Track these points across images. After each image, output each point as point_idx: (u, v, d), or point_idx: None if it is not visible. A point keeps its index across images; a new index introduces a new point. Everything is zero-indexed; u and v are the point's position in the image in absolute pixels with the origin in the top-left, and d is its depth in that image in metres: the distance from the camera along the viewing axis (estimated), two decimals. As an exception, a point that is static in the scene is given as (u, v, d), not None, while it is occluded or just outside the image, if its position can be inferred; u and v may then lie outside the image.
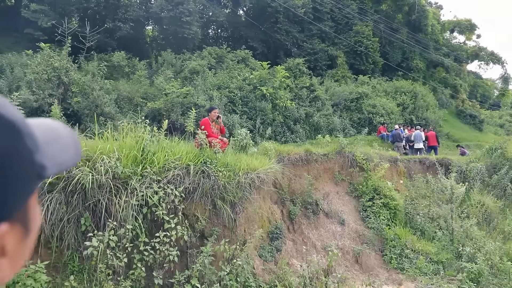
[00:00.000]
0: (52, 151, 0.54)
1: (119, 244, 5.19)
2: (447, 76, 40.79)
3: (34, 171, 0.49)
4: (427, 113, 26.68)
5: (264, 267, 7.03)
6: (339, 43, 32.45)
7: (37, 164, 0.49)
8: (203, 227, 6.34)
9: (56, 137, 0.57)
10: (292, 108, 21.98)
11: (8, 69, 15.16)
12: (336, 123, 22.80)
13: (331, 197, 9.91)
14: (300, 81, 25.15)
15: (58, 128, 0.60)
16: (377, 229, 9.26)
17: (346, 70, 31.23)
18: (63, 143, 0.58)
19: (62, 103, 14.52)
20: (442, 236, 9.65)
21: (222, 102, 18.83)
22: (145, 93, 18.36)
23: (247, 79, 21.20)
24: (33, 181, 0.49)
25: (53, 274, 5.00)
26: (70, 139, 0.60)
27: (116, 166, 5.31)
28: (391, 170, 12.66)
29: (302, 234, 8.72)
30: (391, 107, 24.65)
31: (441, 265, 8.46)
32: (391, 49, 35.23)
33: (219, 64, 23.85)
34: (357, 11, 34.15)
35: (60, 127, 0.61)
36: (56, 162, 0.54)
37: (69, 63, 14.80)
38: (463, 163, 14.26)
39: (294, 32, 31.08)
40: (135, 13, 23.81)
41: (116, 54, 20.74)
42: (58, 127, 0.61)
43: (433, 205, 10.47)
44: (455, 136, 28.39)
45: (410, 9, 36.90)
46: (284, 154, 9.33)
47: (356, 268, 8.38)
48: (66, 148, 0.58)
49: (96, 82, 14.80)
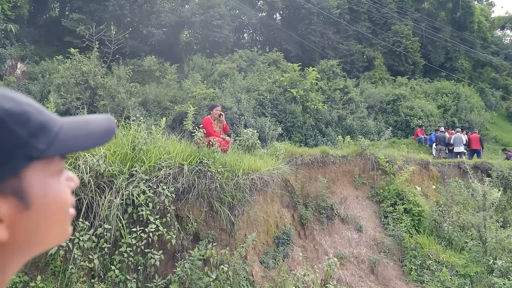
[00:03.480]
0: (68, 136, 0.64)
1: (102, 245, 5.00)
2: (497, 76, 38.16)
3: (22, 151, 0.58)
4: (471, 115, 24.95)
5: (264, 274, 6.60)
6: (376, 44, 31.31)
7: (28, 146, 0.58)
8: (196, 230, 6.04)
9: (84, 124, 0.69)
10: (324, 110, 21.33)
11: (41, 75, 15.79)
12: (371, 126, 21.85)
13: (349, 201, 9.29)
14: (334, 83, 24.42)
15: (94, 118, 0.72)
16: (398, 237, 8.53)
17: (384, 71, 30.03)
18: (89, 129, 0.69)
19: (90, 106, 14.90)
20: (474, 247, 8.74)
21: (250, 104, 18.59)
22: (174, 96, 18.48)
23: (277, 82, 20.83)
24: (19, 159, 0.58)
25: (35, 273, 4.88)
26: (97, 126, 0.70)
27: (99, 165, 5.13)
28: (422, 174, 11.78)
29: (314, 241, 8.19)
30: (430, 109, 23.29)
31: (469, 279, 7.60)
32: (433, 49, 33.49)
33: (250, 67, 23.68)
34: (396, 10, 32.80)
35: (96, 118, 0.72)
36: (66, 145, 0.63)
37: (97, 68, 15.18)
38: (506, 167, 13.03)
39: (329, 33, 30.35)
40: (167, 18, 24.21)
41: (147, 59, 21.13)
42: (91, 117, 0.72)
43: (464, 212, 9.53)
44: (504, 139, 26.30)
45: (454, 6, 34.89)
46: (297, 155, 8.85)
47: (371, 279, 7.72)
48: (89, 133, 0.68)
49: (121, 86, 15.04)
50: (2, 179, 0.56)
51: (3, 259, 0.58)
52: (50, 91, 14.38)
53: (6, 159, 0.56)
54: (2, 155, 0.56)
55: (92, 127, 0.69)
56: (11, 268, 0.61)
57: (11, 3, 18.57)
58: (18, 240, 0.59)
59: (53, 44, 25.20)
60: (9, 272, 0.61)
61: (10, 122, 0.57)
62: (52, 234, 0.64)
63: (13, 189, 0.58)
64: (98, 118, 0.72)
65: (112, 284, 4.81)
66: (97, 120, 0.72)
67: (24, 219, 0.59)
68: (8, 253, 0.59)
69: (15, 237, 0.58)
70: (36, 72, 16.79)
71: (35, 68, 17.47)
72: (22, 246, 0.60)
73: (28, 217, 0.59)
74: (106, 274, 4.92)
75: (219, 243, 6.34)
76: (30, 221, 0.60)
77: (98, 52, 15.53)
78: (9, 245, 0.58)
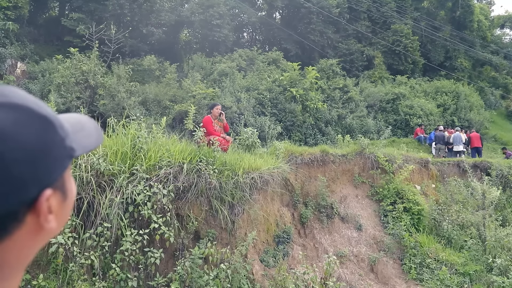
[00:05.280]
0: (79, 137, 0.70)
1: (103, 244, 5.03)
2: (496, 75, 38.16)
3: (66, 152, 0.65)
4: (471, 114, 24.96)
5: (265, 273, 6.62)
6: (376, 43, 31.29)
7: (68, 147, 0.65)
8: (196, 229, 6.06)
9: (81, 127, 0.73)
10: (324, 109, 21.33)
11: (41, 74, 15.78)
12: (370, 125, 21.86)
13: (348, 200, 9.31)
14: (333, 82, 24.42)
15: (82, 119, 0.76)
16: (397, 235, 8.55)
17: (384, 70, 30.02)
18: (87, 131, 0.73)
19: (90, 105, 14.90)
20: (473, 245, 8.76)
21: (250, 103, 18.61)
22: (174, 95, 18.46)
23: (277, 81, 20.83)
24: (66, 160, 0.65)
25: (37, 272, 4.91)
26: (92, 128, 0.76)
27: (98, 163, 5.15)
28: (421, 173, 11.80)
29: (314, 239, 8.22)
30: (430, 108, 23.30)
31: (468, 277, 7.63)
32: (432, 48, 33.49)
33: (249, 66, 23.67)
34: (396, 9, 32.79)
35: (84, 118, 0.77)
36: (82, 145, 0.70)
37: (97, 67, 15.18)
38: (505, 166, 13.05)
39: (329, 33, 30.33)
40: (167, 18, 24.19)
41: (147, 58, 21.11)
42: (82, 119, 0.76)
43: (463, 211, 9.56)
44: (503, 138, 26.32)
45: (454, 5, 34.85)
46: (297, 154, 8.87)
47: (370, 278, 7.75)
48: (89, 135, 0.74)
49: (121, 85, 15.05)
50: (57, 178, 0.64)
51: (39, 244, 0.65)
52: (50, 91, 14.38)
53: (60, 160, 0.64)
54: (58, 156, 0.63)
55: (87, 129, 0.75)
56: (36, 251, 0.67)
57: (12, 3, 18.55)
58: (58, 224, 0.66)
59: (53, 44, 25.17)
60: (34, 254, 0.67)
61: (57, 125, 0.64)
62: (67, 220, 0.72)
63: (60, 184, 0.65)
64: (85, 119, 0.77)
65: (113, 282, 4.83)
66: (88, 121, 0.77)
67: (62, 210, 0.66)
68: (45, 237, 0.65)
69: (57, 223, 0.65)
70: (36, 71, 16.79)
71: (35, 68, 17.46)
72: (54, 231, 0.66)
73: (65, 208, 0.68)
74: (107, 272, 4.95)
75: (219, 242, 6.36)
76: (65, 211, 0.68)
77: (98, 51, 15.55)
78: (50, 231, 0.64)
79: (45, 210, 0.61)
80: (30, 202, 0.59)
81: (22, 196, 0.58)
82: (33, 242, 0.63)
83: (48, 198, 0.61)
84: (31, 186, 0.59)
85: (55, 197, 0.63)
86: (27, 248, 0.62)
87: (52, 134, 0.62)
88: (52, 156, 0.62)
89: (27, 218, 0.59)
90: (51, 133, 0.62)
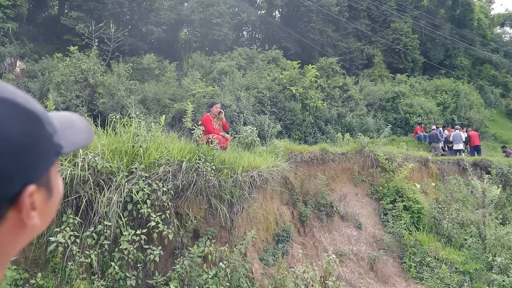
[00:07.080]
0: (68, 134, 0.70)
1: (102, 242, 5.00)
2: (496, 73, 38.12)
3: (53, 148, 0.65)
4: (471, 112, 24.94)
5: (264, 271, 6.60)
6: (376, 41, 31.26)
7: (55, 144, 0.65)
8: (195, 227, 6.04)
9: (72, 124, 0.73)
10: (324, 108, 21.34)
11: (40, 73, 15.75)
12: (370, 124, 21.87)
13: (348, 199, 9.29)
14: (333, 81, 24.41)
15: (73, 117, 0.77)
16: (397, 234, 8.53)
17: (384, 69, 30.01)
18: (77, 129, 0.74)
19: (89, 104, 14.88)
20: (473, 244, 8.74)
21: (250, 102, 18.60)
22: (173, 94, 18.45)
23: (277, 79, 20.81)
24: (53, 156, 0.65)
25: (35, 270, 4.88)
26: (82, 125, 0.76)
27: (95, 161, 5.13)
28: (421, 171, 11.79)
29: (313, 238, 8.20)
30: (429, 107, 23.29)
31: (468, 276, 7.61)
32: (432, 47, 33.46)
33: (249, 65, 23.65)
34: (396, 7, 32.73)
35: (74, 117, 0.77)
36: (71, 142, 0.70)
37: (96, 65, 15.14)
38: (505, 165, 13.04)
39: (329, 31, 30.31)
40: (167, 16, 24.15)
41: (146, 57, 21.09)
42: (73, 117, 0.77)
43: (463, 209, 9.54)
44: (503, 137, 26.31)
45: (454, 3, 34.79)
46: (296, 152, 8.85)
47: (370, 276, 7.73)
48: (80, 132, 0.74)
49: (121, 83, 15.02)
50: (42, 174, 0.63)
51: (22, 241, 0.64)
52: (50, 89, 14.35)
53: (46, 156, 0.63)
54: (44, 152, 0.63)
55: (78, 126, 0.75)
56: (19, 248, 0.66)
57: (11, 1, 18.50)
58: (42, 221, 0.65)
59: (52, 42, 25.14)
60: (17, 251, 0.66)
61: (44, 121, 0.63)
62: (51, 218, 0.71)
63: (45, 181, 0.64)
64: (76, 117, 0.78)
65: (112, 281, 4.81)
66: (78, 118, 0.78)
67: (46, 207, 0.66)
68: (28, 234, 0.64)
69: (41, 220, 0.64)
70: (36, 70, 16.76)
71: (35, 66, 17.43)
72: (38, 229, 0.65)
73: (49, 205, 0.67)
74: (106, 271, 4.93)
75: (218, 240, 6.34)
76: (50, 208, 0.67)
77: (97, 50, 15.52)
78: (33, 228, 0.64)
79: (27, 206, 0.59)
80: (12, 197, 0.57)
81: (4, 190, 0.56)
82: (15, 239, 0.61)
83: (32, 194, 0.60)
84: (15, 181, 0.57)
85: (39, 193, 0.62)
86: (8, 244, 0.60)
87: (39, 130, 0.62)
88: (38, 151, 0.61)
89: (9, 213, 0.58)
90: (38, 128, 0.62)
